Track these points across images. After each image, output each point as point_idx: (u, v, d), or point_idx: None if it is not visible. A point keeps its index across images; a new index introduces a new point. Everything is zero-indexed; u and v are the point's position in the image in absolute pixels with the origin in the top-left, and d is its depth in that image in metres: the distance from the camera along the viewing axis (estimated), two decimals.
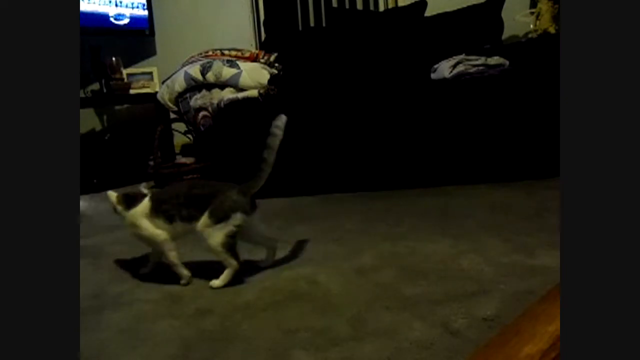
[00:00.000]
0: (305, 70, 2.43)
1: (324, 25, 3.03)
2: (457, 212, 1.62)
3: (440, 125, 2.03)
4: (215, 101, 2.33)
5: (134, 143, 2.83)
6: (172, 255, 1.17)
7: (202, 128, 2.44)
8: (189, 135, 2.81)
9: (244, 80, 2.40)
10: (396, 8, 2.92)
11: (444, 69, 2.15)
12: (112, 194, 1.21)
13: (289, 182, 2.10)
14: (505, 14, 2.54)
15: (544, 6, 2.56)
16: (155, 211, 1.16)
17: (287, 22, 3.07)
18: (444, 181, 2.01)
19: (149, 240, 1.20)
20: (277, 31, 2.88)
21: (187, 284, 1.17)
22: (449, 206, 1.71)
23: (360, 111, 2.07)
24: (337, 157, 2.08)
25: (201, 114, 2.44)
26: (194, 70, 2.48)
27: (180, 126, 2.81)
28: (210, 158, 2.47)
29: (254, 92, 2.22)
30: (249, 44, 3.11)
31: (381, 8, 3.00)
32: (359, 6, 3.01)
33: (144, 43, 3.16)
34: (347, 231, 1.50)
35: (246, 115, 2.13)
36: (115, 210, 1.21)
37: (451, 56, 2.20)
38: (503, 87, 2.01)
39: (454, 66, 2.13)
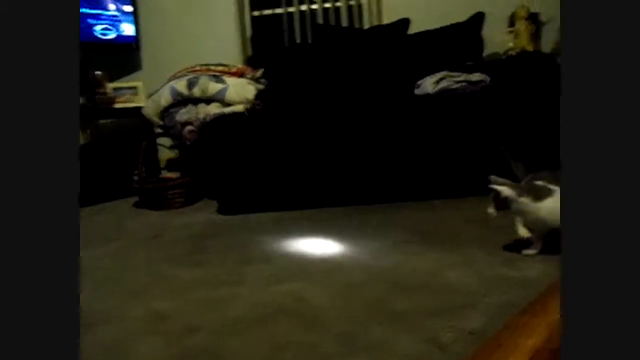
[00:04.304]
0: (291, 86, 2.46)
1: (309, 41, 3.08)
2: (444, 226, 1.64)
3: (425, 139, 2.07)
4: (201, 116, 2.33)
5: (119, 157, 2.80)
6: None
7: (188, 142, 2.44)
8: (175, 150, 2.80)
9: (230, 95, 2.41)
10: (380, 25, 2.98)
11: (428, 85, 2.20)
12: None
13: (275, 197, 2.11)
14: (486, 32, 2.62)
15: (521, 26, 2.66)
16: None
17: (273, 38, 3.10)
18: (431, 195, 2.04)
19: None
20: (263, 47, 2.91)
21: None
22: (436, 220, 1.74)
23: (346, 126, 2.10)
24: (323, 172, 2.10)
25: (187, 128, 2.44)
26: (181, 85, 2.49)
27: (166, 141, 2.79)
28: (196, 172, 2.46)
29: (240, 107, 2.24)
30: (235, 60, 3.13)
31: (366, 25, 3.06)
32: (344, 23, 3.07)
33: (130, 57, 3.15)
34: (334, 246, 1.51)
35: (232, 130, 2.13)
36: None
37: (434, 72, 2.26)
38: (484, 102, 2.07)
39: (438, 82, 2.18)
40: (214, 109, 2.35)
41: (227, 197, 2.13)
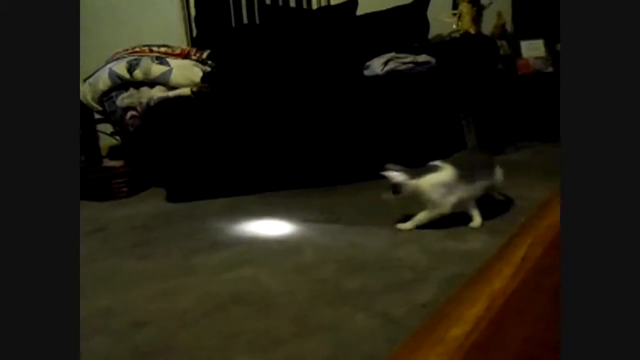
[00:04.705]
0: (239, 67, 2.38)
1: (257, 22, 2.99)
2: (392, 204, 1.67)
3: (374, 120, 2.09)
4: (144, 100, 2.21)
5: None
6: None
7: (130, 129, 2.31)
8: (116, 137, 2.65)
9: (175, 77, 2.30)
10: (328, 6, 2.95)
11: (376, 66, 2.21)
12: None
13: (226, 182, 2.05)
14: (430, 14, 2.66)
15: (464, 8, 2.74)
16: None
17: (219, 19, 2.98)
18: (379, 175, 2.06)
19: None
20: (209, 27, 2.79)
21: None
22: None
23: (296, 108, 2.07)
24: (273, 155, 2.06)
25: (129, 113, 2.30)
26: (120, 68, 2.34)
27: (106, 127, 2.63)
28: (141, 160, 2.34)
29: (186, 91, 2.14)
30: (179, 41, 2.98)
31: (314, 6, 3.02)
32: (292, 4, 3.00)
33: None
34: (287, 229, 1.50)
35: (179, 114, 2.04)
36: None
37: (382, 54, 2.27)
38: (431, 83, 2.11)
39: (386, 63, 2.20)
40: (158, 92, 2.23)
41: (175, 184, 2.04)
